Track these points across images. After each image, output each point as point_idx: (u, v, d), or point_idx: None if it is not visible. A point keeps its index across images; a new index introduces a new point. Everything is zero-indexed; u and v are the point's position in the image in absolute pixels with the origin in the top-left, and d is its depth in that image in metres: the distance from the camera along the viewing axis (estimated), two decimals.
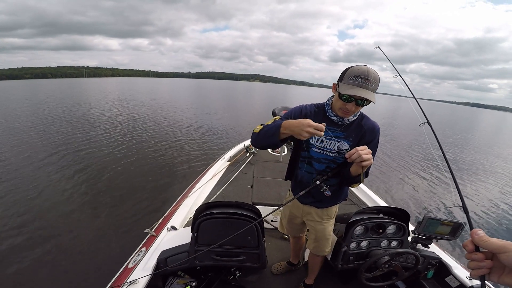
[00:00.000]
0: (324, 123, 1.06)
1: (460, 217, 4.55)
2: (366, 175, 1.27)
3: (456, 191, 0.91)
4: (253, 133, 1.29)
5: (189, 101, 25.10)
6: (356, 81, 1.12)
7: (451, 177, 0.97)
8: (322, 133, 1.05)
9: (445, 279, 1.68)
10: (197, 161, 6.86)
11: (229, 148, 4.41)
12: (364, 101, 1.15)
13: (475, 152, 11.88)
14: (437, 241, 1.75)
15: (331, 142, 1.31)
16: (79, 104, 17.29)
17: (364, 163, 1.07)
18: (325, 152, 1.34)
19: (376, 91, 1.18)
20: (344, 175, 1.31)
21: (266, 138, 1.22)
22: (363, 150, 1.07)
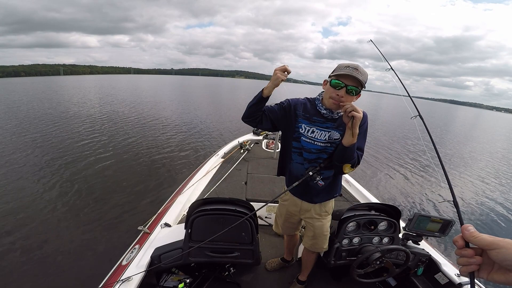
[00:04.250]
0: (287, 65, 1.21)
1: (451, 212, 4.65)
2: (358, 162, 1.30)
3: (447, 186, 0.91)
4: None
5: (176, 98, 24.60)
6: (347, 70, 1.19)
7: (443, 172, 0.98)
8: (288, 68, 1.21)
9: (435, 276, 1.72)
10: (190, 158, 6.83)
11: (223, 145, 4.40)
12: (353, 88, 1.19)
13: (459, 147, 12.22)
14: (427, 238, 1.79)
15: (322, 133, 1.34)
16: (61, 103, 16.60)
17: (355, 113, 1.12)
18: (316, 142, 1.36)
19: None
20: (336, 153, 1.31)
21: (251, 102, 1.31)
22: (354, 105, 1.14)
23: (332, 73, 1.26)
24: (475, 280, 0.54)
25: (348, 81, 1.19)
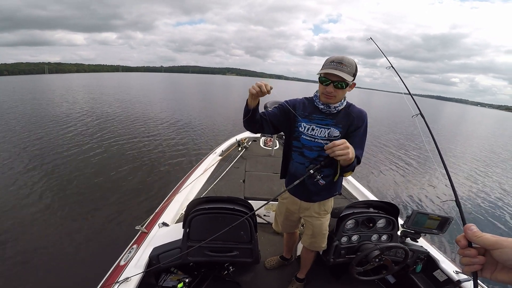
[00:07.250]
0: (268, 84, 1.21)
1: (453, 211, 4.67)
2: (358, 162, 1.30)
3: (449, 184, 0.90)
4: None
5: (170, 97, 24.16)
6: (332, 65, 1.23)
7: (445, 171, 0.97)
8: (267, 84, 1.19)
9: (433, 273, 1.73)
10: (187, 156, 6.79)
11: (220, 143, 4.37)
12: (340, 83, 1.23)
13: (454, 143, 12.38)
14: (425, 235, 1.80)
15: (321, 130, 1.36)
16: (52, 102, 16.11)
17: (340, 158, 1.08)
18: (316, 140, 1.37)
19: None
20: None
21: (243, 114, 1.34)
22: (340, 145, 1.07)
23: (321, 68, 1.29)
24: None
25: (334, 77, 1.22)
